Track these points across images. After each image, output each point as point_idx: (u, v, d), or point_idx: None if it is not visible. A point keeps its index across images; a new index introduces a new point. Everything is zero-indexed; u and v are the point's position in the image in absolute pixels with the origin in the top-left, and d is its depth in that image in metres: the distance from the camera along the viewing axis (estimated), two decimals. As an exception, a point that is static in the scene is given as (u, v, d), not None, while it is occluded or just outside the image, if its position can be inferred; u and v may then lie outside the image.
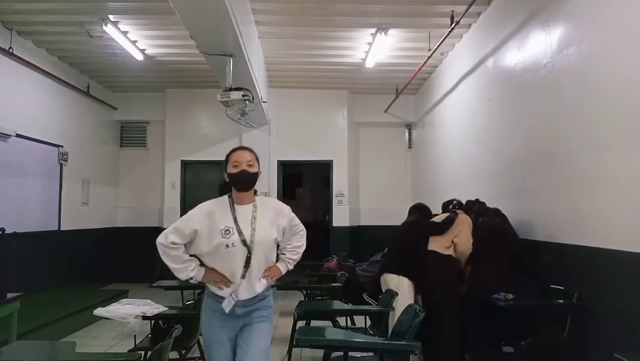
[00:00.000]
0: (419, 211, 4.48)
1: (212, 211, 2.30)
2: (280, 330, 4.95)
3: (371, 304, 3.80)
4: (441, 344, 3.77)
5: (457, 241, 4.01)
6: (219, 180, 2.45)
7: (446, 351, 3.79)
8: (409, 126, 8.95)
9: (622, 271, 2.93)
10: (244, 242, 2.25)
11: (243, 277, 2.28)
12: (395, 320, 3.03)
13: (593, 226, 3.24)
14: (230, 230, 2.24)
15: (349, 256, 6.85)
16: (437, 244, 4.01)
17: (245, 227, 2.27)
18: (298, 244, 2.50)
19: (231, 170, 2.30)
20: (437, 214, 4.46)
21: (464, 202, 4.48)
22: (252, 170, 2.31)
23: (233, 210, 2.30)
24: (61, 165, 6.86)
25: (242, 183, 2.31)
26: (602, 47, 3.20)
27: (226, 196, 2.36)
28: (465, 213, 4.22)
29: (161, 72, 7.54)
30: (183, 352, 3.48)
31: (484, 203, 4.36)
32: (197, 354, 3.76)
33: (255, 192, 2.38)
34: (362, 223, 8.77)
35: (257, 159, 2.37)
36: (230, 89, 4.97)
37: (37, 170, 6.38)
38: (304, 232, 2.54)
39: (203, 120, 8.60)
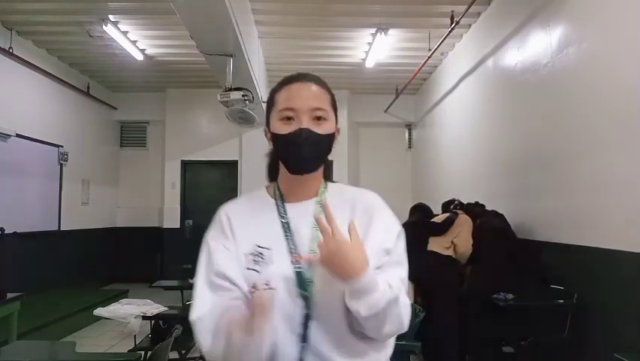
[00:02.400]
0: (420, 211, 4.48)
1: (230, 219, 1.11)
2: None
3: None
4: (441, 344, 3.78)
5: (457, 241, 4.01)
6: (268, 150, 1.21)
7: (446, 351, 3.79)
8: (409, 126, 8.94)
9: (622, 271, 2.93)
10: (299, 278, 1.01)
11: None
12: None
13: (593, 226, 3.24)
14: (264, 253, 1.05)
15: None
16: (437, 245, 4.01)
17: (302, 245, 1.05)
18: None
19: (277, 126, 1.09)
20: (438, 214, 4.46)
21: (465, 204, 4.49)
22: (322, 128, 1.09)
23: (280, 210, 1.11)
24: (61, 165, 6.86)
25: (298, 158, 1.08)
26: (602, 46, 3.20)
27: (264, 187, 1.20)
28: (465, 214, 4.22)
29: (161, 72, 7.54)
30: (183, 352, 3.48)
31: (483, 205, 4.37)
32: (197, 354, 3.76)
33: (326, 176, 1.20)
34: (362, 223, 8.74)
35: (333, 102, 1.15)
36: (230, 89, 4.97)
37: (37, 170, 6.37)
38: (402, 277, 1.07)
39: (203, 120, 8.59)
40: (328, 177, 1.19)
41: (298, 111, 1.07)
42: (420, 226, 4.21)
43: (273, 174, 1.20)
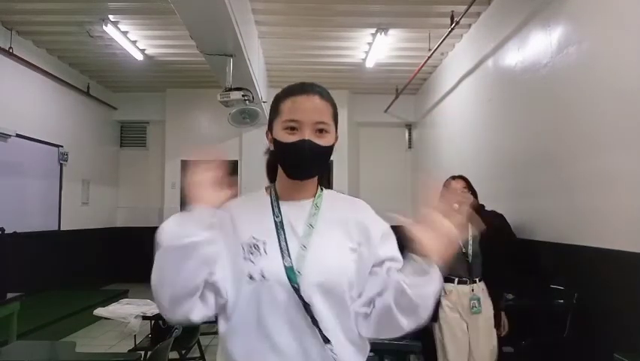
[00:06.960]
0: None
1: (237, 212, 1.18)
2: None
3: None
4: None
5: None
6: (267, 155, 1.29)
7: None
8: (409, 126, 8.94)
9: (622, 271, 2.93)
10: (289, 273, 1.07)
11: None
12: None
13: (593, 226, 3.24)
14: (260, 246, 1.10)
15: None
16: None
17: (292, 241, 1.11)
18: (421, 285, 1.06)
19: (281, 134, 1.14)
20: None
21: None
22: (324, 140, 1.15)
23: (275, 210, 1.17)
24: (61, 165, 6.86)
25: (299, 165, 1.14)
26: (602, 46, 3.20)
27: (263, 190, 1.25)
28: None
29: (161, 72, 7.54)
30: (183, 352, 3.48)
31: (483, 205, 4.37)
32: (197, 354, 3.77)
33: (322, 182, 1.25)
34: (362, 223, 8.75)
35: (335, 115, 1.20)
36: (230, 89, 4.98)
37: (37, 170, 6.37)
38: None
39: (203, 120, 8.60)
40: (327, 182, 1.28)
41: (302, 123, 1.13)
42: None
43: (271, 176, 1.27)
